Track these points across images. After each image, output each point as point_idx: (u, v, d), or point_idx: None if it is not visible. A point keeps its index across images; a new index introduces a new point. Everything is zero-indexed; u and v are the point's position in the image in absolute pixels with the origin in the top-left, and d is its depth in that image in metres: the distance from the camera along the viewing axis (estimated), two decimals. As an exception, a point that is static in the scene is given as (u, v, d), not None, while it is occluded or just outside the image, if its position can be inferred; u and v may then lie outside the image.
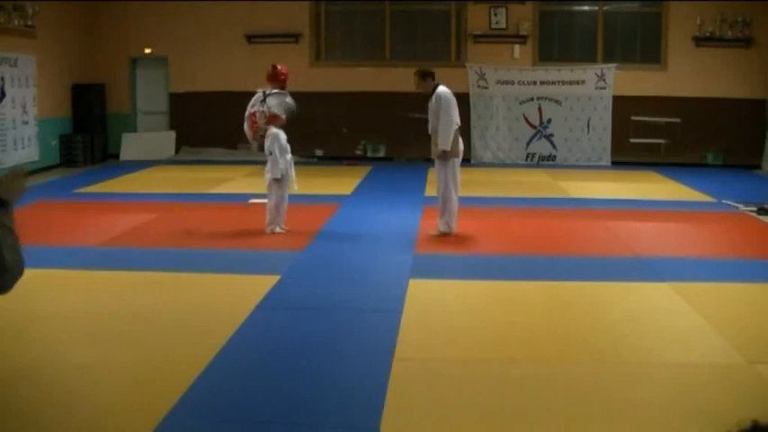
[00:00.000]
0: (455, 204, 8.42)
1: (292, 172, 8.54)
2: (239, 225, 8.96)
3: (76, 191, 11.70)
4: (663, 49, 15.42)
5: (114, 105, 16.07)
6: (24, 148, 13.28)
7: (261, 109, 8.46)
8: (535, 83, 15.56)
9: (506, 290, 6.44)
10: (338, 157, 15.54)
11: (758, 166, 14.67)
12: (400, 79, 15.34)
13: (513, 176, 13.58)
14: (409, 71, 15.22)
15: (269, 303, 5.93)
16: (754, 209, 10.08)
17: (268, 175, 8.44)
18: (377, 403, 4.07)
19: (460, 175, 8.57)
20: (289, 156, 8.50)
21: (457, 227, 8.49)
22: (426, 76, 8.41)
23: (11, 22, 12.98)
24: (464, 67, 15.59)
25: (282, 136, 8.45)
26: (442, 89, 8.31)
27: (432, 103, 8.30)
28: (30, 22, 13.45)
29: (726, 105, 14.98)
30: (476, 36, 15.58)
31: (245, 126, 8.63)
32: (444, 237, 8.38)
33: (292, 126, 8.67)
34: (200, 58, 15.89)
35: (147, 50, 16.25)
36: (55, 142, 14.53)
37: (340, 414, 4.01)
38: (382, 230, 8.82)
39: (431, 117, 8.33)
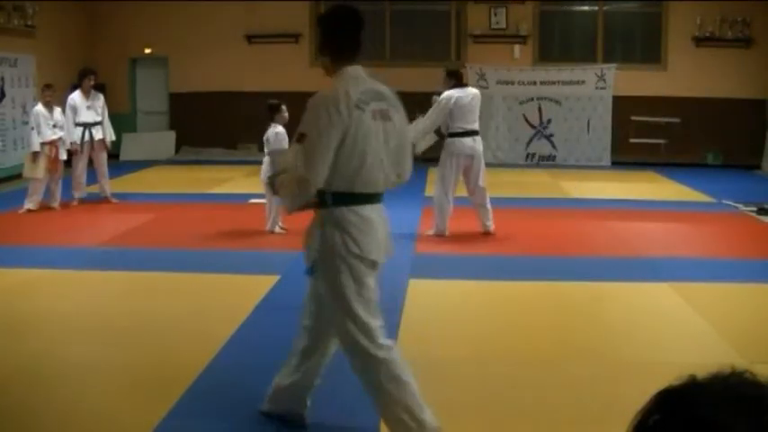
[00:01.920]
0: (439, 205, 8.35)
1: None
2: (239, 225, 8.96)
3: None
4: (663, 49, 15.43)
5: (114, 105, 16.08)
6: (24, 148, 13.27)
7: None
8: (535, 83, 15.55)
9: (506, 290, 6.43)
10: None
11: (758, 167, 14.66)
12: (400, 79, 15.25)
13: (512, 176, 13.57)
14: (409, 71, 15.39)
15: (269, 303, 5.93)
16: (754, 209, 10.08)
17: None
18: (377, 403, 4.07)
19: (455, 175, 8.42)
20: None
21: (457, 227, 8.46)
22: (448, 76, 8.43)
23: (11, 22, 12.99)
24: (464, 67, 15.56)
25: (285, 135, 8.35)
26: (448, 92, 8.26)
27: None
28: (30, 22, 13.45)
29: (726, 105, 14.97)
30: (476, 36, 15.59)
31: None
32: (444, 237, 8.36)
33: (293, 126, 8.65)
34: (200, 58, 15.89)
35: (147, 50, 16.26)
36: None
37: (340, 414, 4.01)
38: (382, 230, 8.81)
39: None
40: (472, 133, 8.31)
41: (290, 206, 3.56)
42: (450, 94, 8.23)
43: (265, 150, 8.41)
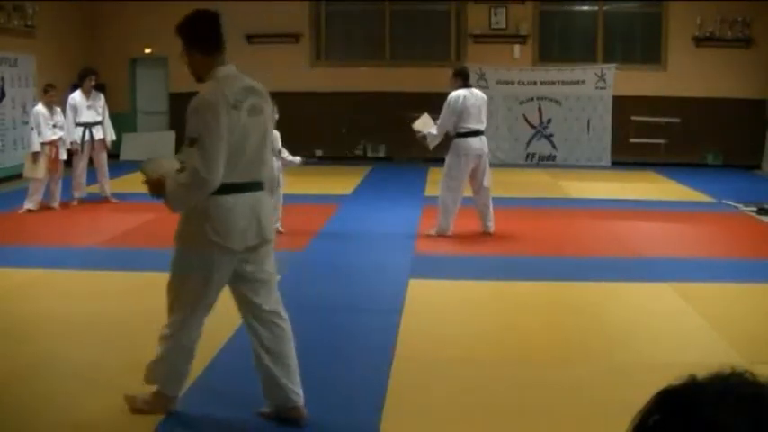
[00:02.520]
0: (444, 204, 8.35)
1: (280, 176, 8.01)
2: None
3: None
4: (663, 49, 15.42)
5: (114, 105, 16.07)
6: (25, 148, 13.26)
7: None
8: (535, 83, 15.55)
9: (506, 290, 6.43)
10: (338, 158, 15.53)
11: (758, 167, 14.66)
12: (400, 79, 15.35)
13: (512, 176, 13.57)
14: (409, 71, 15.40)
15: (269, 303, 5.92)
16: (754, 209, 10.08)
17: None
18: (377, 403, 4.07)
19: (464, 175, 8.39)
20: (278, 162, 7.90)
21: (457, 227, 8.45)
22: (455, 76, 8.45)
23: (11, 22, 12.99)
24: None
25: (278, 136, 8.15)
26: (456, 92, 8.27)
27: None
28: (30, 22, 13.45)
29: (726, 105, 14.97)
30: (476, 36, 15.58)
31: None
32: (444, 237, 8.36)
33: (293, 126, 8.65)
34: (200, 58, 15.86)
35: (147, 50, 16.25)
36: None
37: (340, 414, 4.01)
38: (382, 230, 8.82)
39: None
40: (479, 133, 8.31)
41: (181, 207, 3.85)
42: (459, 93, 8.24)
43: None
